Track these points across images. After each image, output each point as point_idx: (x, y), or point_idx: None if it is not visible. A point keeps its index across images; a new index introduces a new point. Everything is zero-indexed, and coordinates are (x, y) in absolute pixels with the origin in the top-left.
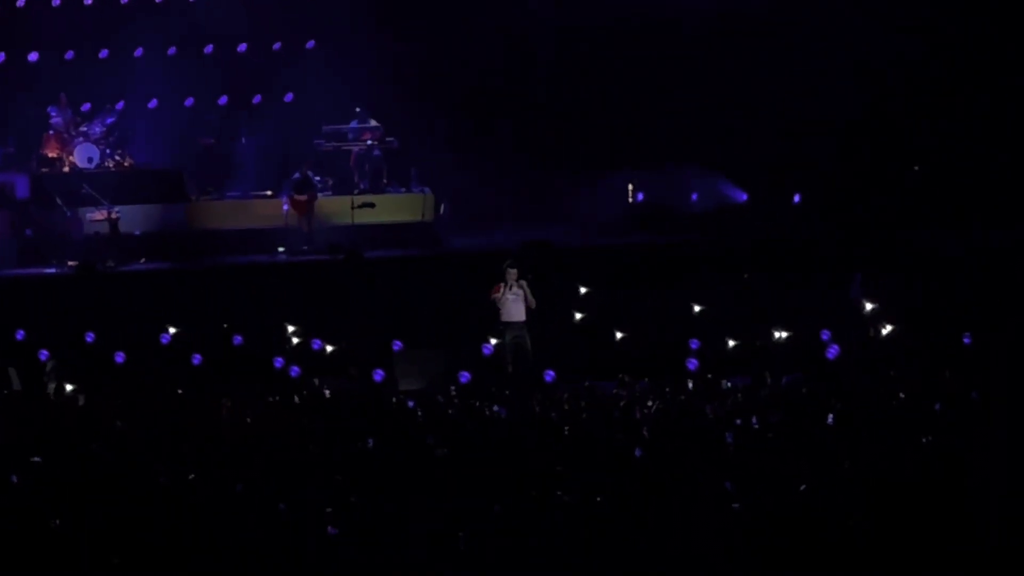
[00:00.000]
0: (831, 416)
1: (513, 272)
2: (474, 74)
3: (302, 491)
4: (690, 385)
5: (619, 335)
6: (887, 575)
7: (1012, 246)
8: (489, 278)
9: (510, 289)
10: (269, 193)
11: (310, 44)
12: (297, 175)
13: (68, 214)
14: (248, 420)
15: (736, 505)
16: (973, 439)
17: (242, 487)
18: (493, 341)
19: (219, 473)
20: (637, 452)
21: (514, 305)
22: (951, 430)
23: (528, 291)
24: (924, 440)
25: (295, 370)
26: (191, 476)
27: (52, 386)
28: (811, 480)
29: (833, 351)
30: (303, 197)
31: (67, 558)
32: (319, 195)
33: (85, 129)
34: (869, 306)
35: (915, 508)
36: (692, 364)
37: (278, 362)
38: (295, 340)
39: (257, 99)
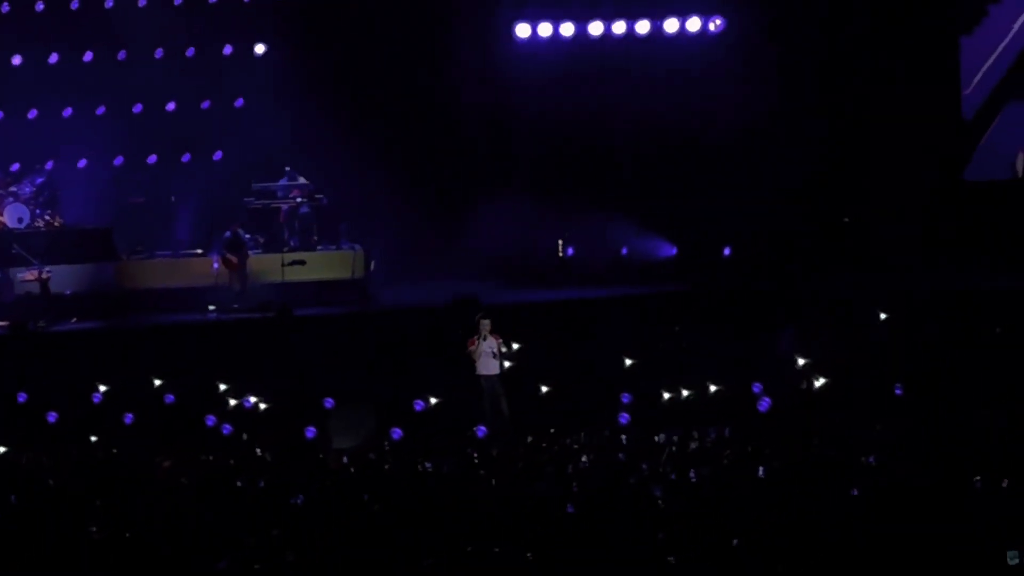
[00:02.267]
0: (761, 469)
1: (486, 323)
2: (404, 130)
3: (240, 548)
4: (623, 439)
5: (544, 389)
6: None
7: (943, 294)
8: (419, 334)
9: (484, 340)
10: (199, 251)
11: (239, 103)
12: (228, 234)
13: None
14: (184, 480)
15: (670, 559)
16: (903, 491)
17: (180, 545)
18: (433, 400)
19: (155, 530)
20: (569, 508)
21: (488, 358)
22: (881, 482)
23: (501, 343)
24: (854, 492)
25: (227, 428)
26: (126, 534)
27: None
28: (743, 533)
29: (765, 404)
30: (234, 256)
31: None
32: (250, 253)
33: (15, 189)
34: (801, 361)
35: (846, 560)
36: (624, 418)
37: (210, 420)
38: (229, 399)
39: (186, 158)
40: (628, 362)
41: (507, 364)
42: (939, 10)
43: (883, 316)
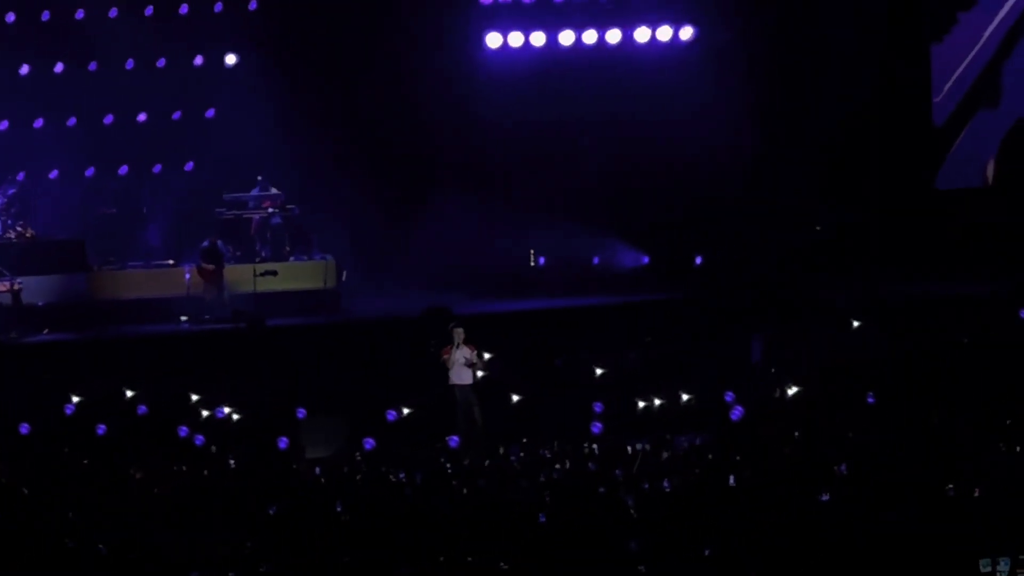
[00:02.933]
0: (732, 477)
1: (460, 332)
2: (375, 140)
3: (212, 559)
4: (595, 449)
5: (516, 398)
6: None
7: (916, 300)
8: (391, 344)
9: (458, 349)
10: (171, 262)
11: (210, 113)
12: (206, 243)
13: None
14: (156, 491)
15: (641, 568)
16: (877, 499)
17: (154, 555)
18: (406, 411)
19: (129, 541)
20: (541, 517)
21: (461, 368)
22: (853, 490)
23: (475, 353)
24: (824, 499)
25: (199, 439)
26: (99, 546)
27: None
28: (715, 542)
29: (737, 412)
30: (211, 266)
31: None
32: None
33: None
34: (772, 371)
35: (817, 568)
36: (596, 428)
37: (182, 431)
38: (201, 409)
39: (157, 168)
40: (599, 371)
41: (480, 374)
42: (910, 18)
43: (856, 324)
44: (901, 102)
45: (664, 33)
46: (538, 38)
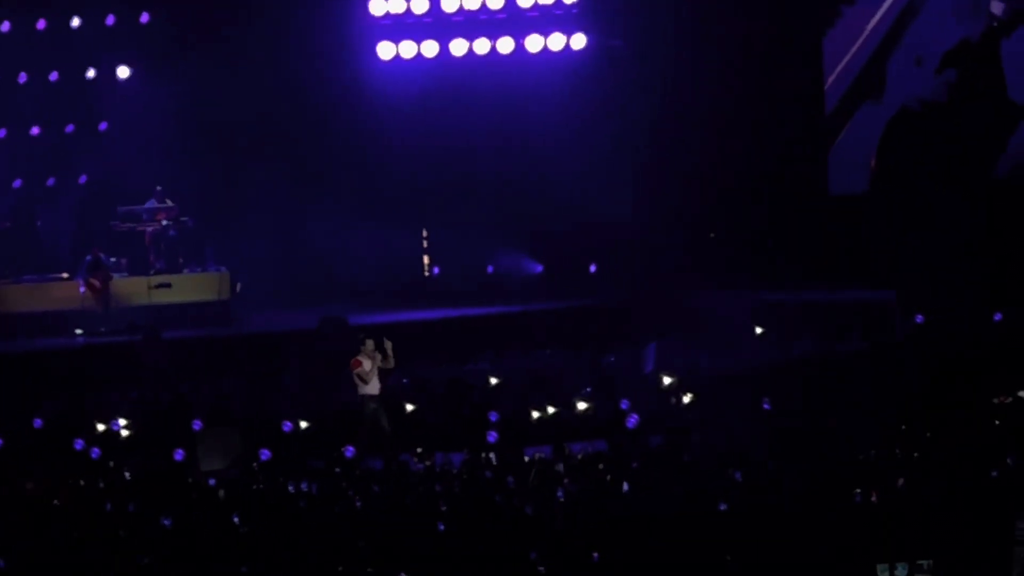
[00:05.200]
0: (626, 484)
1: (370, 343)
2: (267, 152)
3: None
4: (492, 457)
5: (409, 407)
6: None
7: (811, 307)
8: (286, 355)
9: (368, 359)
10: (65, 275)
11: (103, 126)
12: (89, 257)
13: None
14: (56, 502)
15: (542, 568)
16: (773, 506)
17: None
18: (303, 424)
19: (26, 554)
20: (440, 526)
21: (374, 378)
22: (750, 497)
23: (382, 355)
24: (722, 507)
25: (96, 451)
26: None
27: None
28: (607, 549)
29: (632, 420)
30: (96, 279)
31: None
32: (114, 275)
33: None
34: (667, 380)
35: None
36: (492, 436)
37: (78, 444)
38: (97, 422)
39: (51, 181)
40: (494, 381)
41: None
42: (799, 12)
43: (759, 331)
44: (795, 99)
45: (556, 42)
46: (430, 48)
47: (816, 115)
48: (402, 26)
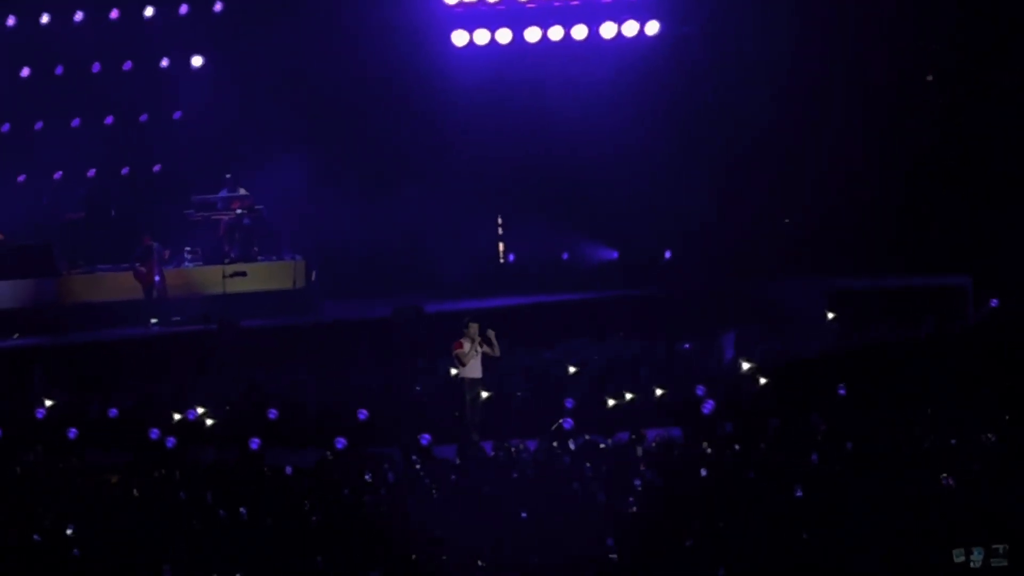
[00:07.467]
0: (704, 471)
1: (475, 327)
2: (344, 141)
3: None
4: (569, 444)
5: (485, 395)
6: None
7: (879, 295)
8: (362, 343)
9: (472, 343)
10: (140, 265)
11: (177, 115)
12: (139, 249)
13: None
14: (136, 492)
15: (613, 556)
16: (850, 492)
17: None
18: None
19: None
20: (523, 515)
21: (473, 362)
22: (827, 483)
23: (486, 344)
24: (798, 493)
25: (171, 441)
26: (75, 550)
27: None
28: (694, 536)
29: (708, 406)
30: (144, 268)
31: None
32: (188, 264)
33: None
34: (746, 365)
35: (792, 562)
36: (568, 423)
37: (154, 433)
38: (173, 412)
39: (125, 171)
40: (572, 369)
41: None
42: None
43: (831, 316)
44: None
45: (630, 28)
46: (504, 35)
47: None
48: (476, 14)
